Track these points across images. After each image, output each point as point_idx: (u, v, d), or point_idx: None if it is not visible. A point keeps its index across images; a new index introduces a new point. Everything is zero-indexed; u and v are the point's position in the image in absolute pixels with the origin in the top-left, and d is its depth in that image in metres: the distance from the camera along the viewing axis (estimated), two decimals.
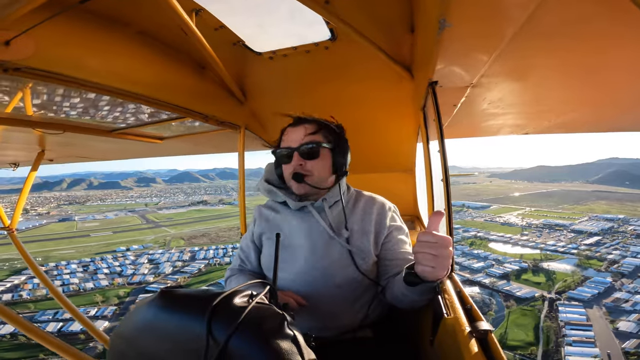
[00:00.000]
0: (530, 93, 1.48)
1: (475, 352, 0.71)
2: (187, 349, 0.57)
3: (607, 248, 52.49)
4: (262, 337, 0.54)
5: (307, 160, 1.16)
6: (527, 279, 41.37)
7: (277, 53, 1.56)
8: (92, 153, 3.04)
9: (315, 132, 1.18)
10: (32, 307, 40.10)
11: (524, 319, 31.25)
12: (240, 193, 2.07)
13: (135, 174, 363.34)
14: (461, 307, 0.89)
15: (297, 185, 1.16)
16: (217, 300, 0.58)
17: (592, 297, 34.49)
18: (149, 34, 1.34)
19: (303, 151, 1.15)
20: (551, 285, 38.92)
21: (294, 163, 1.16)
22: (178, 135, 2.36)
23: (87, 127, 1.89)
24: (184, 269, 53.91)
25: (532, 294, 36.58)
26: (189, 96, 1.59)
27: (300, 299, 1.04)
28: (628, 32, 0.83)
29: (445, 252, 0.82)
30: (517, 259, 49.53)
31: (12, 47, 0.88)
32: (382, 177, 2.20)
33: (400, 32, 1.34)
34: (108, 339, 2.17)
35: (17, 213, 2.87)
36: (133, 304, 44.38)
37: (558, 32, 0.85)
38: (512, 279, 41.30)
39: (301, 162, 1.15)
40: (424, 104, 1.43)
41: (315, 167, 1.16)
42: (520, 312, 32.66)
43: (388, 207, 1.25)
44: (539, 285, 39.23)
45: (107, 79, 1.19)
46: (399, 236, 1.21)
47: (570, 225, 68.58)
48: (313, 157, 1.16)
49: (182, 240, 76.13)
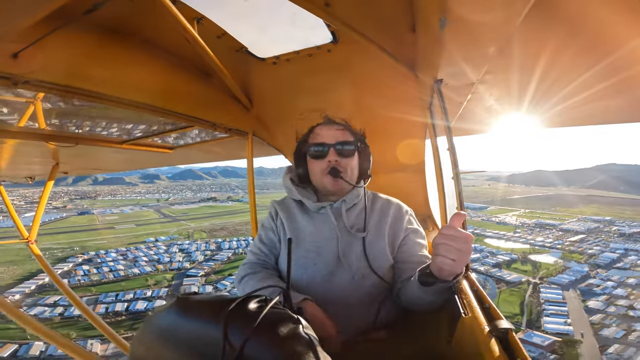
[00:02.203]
0: (537, 87, 1.46)
1: (496, 351, 0.69)
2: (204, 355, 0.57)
3: (590, 244, 59.43)
4: (278, 341, 0.54)
5: (342, 158, 1.17)
6: (516, 268, 49.40)
7: (280, 58, 1.56)
8: (105, 164, 3.09)
9: (347, 132, 1.21)
10: (93, 290, 44.86)
11: (512, 297, 39.39)
12: (251, 199, 2.05)
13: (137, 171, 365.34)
14: (479, 307, 0.87)
15: (332, 181, 1.17)
16: (232, 305, 0.59)
17: (569, 282, 42.14)
18: (153, 43, 1.35)
19: (339, 148, 1.16)
20: (536, 272, 46.90)
21: (330, 159, 1.16)
22: (188, 145, 2.37)
23: (99, 139, 1.91)
24: (215, 257, 58.16)
25: (519, 279, 44.21)
26: (196, 104, 1.59)
27: (331, 327, 0.99)
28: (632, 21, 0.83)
29: (467, 247, 0.81)
30: (508, 252, 57.32)
31: (20, 60, 0.89)
32: (392, 177, 2.19)
33: (401, 31, 1.34)
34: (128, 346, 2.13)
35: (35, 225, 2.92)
36: (181, 286, 43.67)
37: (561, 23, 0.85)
38: (503, 267, 49.08)
39: (337, 159, 1.16)
40: (430, 103, 1.43)
41: (349, 165, 1.18)
42: (509, 293, 40.76)
43: (405, 211, 1.25)
44: (526, 273, 46.99)
45: (114, 90, 1.19)
46: (416, 239, 1.21)
47: (560, 225, 76.46)
48: (348, 155, 1.18)
49: (203, 233, 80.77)
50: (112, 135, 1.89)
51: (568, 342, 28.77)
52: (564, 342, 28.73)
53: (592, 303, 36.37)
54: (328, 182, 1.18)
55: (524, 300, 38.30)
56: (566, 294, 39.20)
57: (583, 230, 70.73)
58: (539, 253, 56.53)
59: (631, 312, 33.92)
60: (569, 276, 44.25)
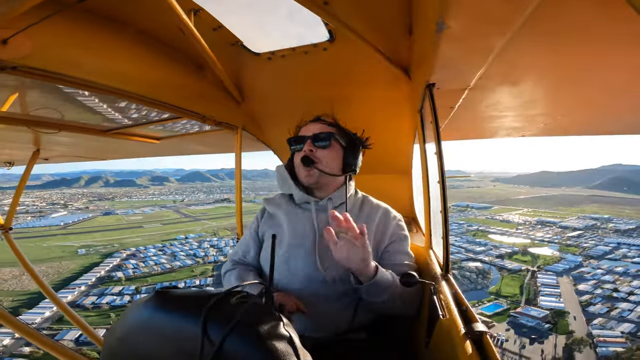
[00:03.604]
0: (527, 95, 1.48)
1: (470, 353, 0.70)
2: (182, 350, 0.56)
3: (586, 239, 68.16)
4: (258, 337, 0.53)
5: (318, 148, 1.19)
6: (517, 258, 58.26)
7: (275, 54, 1.54)
8: (88, 152, 3.01)
9: (330, 126, 1.23)
10: (149, 280, 51.43)
11: (513, 282, 47.95)
12: (237, 193, 2.06)
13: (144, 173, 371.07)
14: (457, 309, 0.89)
15: (305, 171, 1.19)
16: (212, 300, 0.57)
17: (563, 270, 50.59)
18: (147, 33, 1.34)
19: (316, 139, 1.19)
20: (534, 262, 55.63)
21: (305, 148, 1.19)
22: (175, 135, 2.34)
23: (83, 127, 1.87)
24: None
25: (519, 267, 53.20)
26: (187, 96, 1.58)
27: (302, 306, 1.04)
28: (625, 34, 0.84)
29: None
30: (510, 245, 65.80)
31: (10, 46, 0.88)
32: (379, 178, 2.18)
33: (398, 33, 1.34)
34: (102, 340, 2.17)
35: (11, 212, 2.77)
36: None
37: (555, 35, 0.85)
38: (505, 258, 58.32)
39: (312, 149, 1.19)
40: (421, 106, 1.42)
41: (325, 156, 1.19)
42: (510, 278, 49.58)
43: (393, 216, 1.25)
44: (525, 262, 55.78)
45: (105, 78, 1.19)
46: (399, 247, 1.21)
47: (559, 222, 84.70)
48: (324, 147, 1.19)
49: (227, 231, 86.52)
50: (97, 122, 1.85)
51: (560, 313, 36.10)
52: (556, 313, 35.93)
53: (582, 286, 44.15)
54: (302, 173, 1.21)
55: (523, 284, 46.23)
56: (560, 279, 47.11)
57: (581, 227, 77.99)
58: (538, 246, 64.19)
59: (615, 294, 41.64)
60: (563, 265, 52.45)
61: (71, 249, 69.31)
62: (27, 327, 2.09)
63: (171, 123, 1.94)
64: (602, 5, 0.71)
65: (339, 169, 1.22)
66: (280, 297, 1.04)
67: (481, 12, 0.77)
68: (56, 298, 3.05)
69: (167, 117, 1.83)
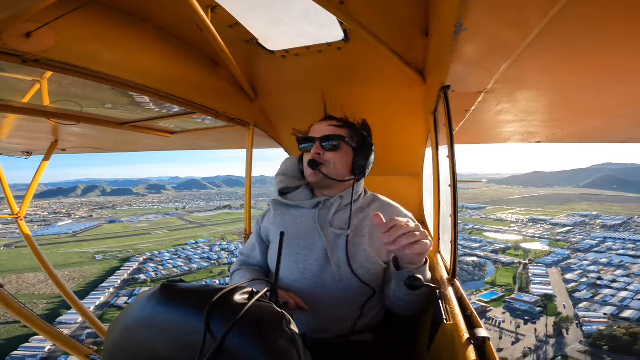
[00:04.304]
0: (544, 101, 1.46)
1: (471, 358, 0.69)
2: (183, 343, 0.56)
3: (574, 234, 72.97)
4: (260, 334, 0.54)
5: (326, 151, 1.18)
6: (510, 253, 63.49)
7: (289, 52, 1.54)
8: (104, 144, 3.05)
9: (340, 127, 1.21)
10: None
11: (507, 273, 52.95)
12: (247, 191, 2.06)
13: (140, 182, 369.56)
14: (461, 314, 0.88)
15: (310, 172, 1.18)
16: (217, 296, 0.57)
17: (552, 262, 55.23)
18: (165, 29, 1.34)
19: (324, 141, 1.18)
20: (526, 256, 60.50)
21: (313, 150, 1.18)
22: (188, 130, 2.36)
23: (101, 119, 1.90)
24: None
25: (512, 260, 58.07)
26: (201, 92, 1.58)
27: (302, 303, 1.04)
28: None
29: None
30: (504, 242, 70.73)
31: (33, 39, 0.89)
32: (389, 180, 2.18)
33: (414, 35, 1.33)
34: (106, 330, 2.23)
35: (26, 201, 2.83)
36: None
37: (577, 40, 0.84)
38: (499, 253, 63.06)
39: (320, 152, 1.18)
40: (435, 109, 1.42)
41: (333, 159, 1.18)
42: (505, 270, 54.45)
43: (403, 216, 1.22)
44: (518, 256, 60.83)
45: (123, 73, 1.19)
46: None
47: (550, 220, 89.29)
48: (333, 149, 1.18)
49: (234, 236, 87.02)
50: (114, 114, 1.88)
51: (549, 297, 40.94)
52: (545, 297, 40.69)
53: (569, 276, 49.18)
54: (308, 173, 1.21)
55: (516, 275, 51.51)
56: (549, 270, 52.27)
57: (571, 223, 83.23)
58: (529, 242, 69.73)
59: (599, 282, 46.13)
60: (552, 258, 57.49)
61: (87, 255, 72.03)
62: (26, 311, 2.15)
63: (185, 118, 1.96)
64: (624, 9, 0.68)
65: (347, 171, 1.21)
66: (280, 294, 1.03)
67: (501, 15, 0.76)
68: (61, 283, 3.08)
69: (182, 112, 1.84)
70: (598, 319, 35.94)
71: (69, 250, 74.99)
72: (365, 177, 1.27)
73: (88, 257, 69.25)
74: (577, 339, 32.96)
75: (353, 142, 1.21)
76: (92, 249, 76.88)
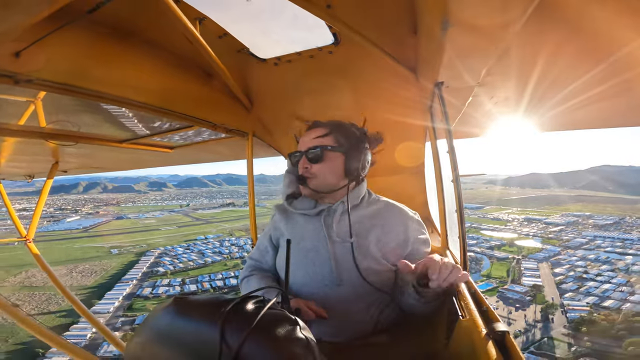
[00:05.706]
0: (537, 90, 1.45)
1: (492, 354, 0.69)
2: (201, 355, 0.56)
3: (566, 233, 75.08)
4: (275, 342, 0.54)
5: (312, 164, 1.17)
6: (505, 249, 65.94)
7: (281, 59, 1.54)
8: (105, 163, 3.04)
9: (324, 136, 1.18)
10: (190, 274, 56.97)
11: (501, 267, 56.17)
12: (250, 200, 2.04)
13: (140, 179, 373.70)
14: (477, 309, 0.87)
15: (302, 187, 1.20)
16: (229, 306, 0.58)
17: (543, 258, 58.63)
18: (155, 43, 1.33)
19: (309, 155, 1.17)
20: (519, 252, 63.44)
21: (300, 166, 1.18)
22: (187, 144, 2.35)
23: (99, 138, 1.89)
24: None
25: (506, 256, 61.01)
26: (197, 104, 1.58)
27: (321, 312, 1.01)
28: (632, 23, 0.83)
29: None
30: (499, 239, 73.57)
31: (23, 59, 0.87)
32: (392, 179, 2.18)
33: (403, 34, 1.33)
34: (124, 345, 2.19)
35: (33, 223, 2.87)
36: None
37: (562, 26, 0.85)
38: (495, 249, 66.00)
39: (307, 166, 1.17)
40: (431, 105, 1.42)
41: (319, 170, 1.17)
42: (499, 264, 57.73)
43: (409, 217, 1.22)
44: (512, 252, 63.42)
45: (116, 89, 1.18)
46: (423, 249, 1.20)
47: (544, 219, 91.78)
48: (317, 161, 1.17)
49: (242, 232, 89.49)
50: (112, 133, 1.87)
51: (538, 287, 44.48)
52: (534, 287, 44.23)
53: (557, 269, 52.65)
54: (300, 188, 1.22)
55: (509, 269, 55.01)
56: (540, 264, 55.96)
57: (564, 223, 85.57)
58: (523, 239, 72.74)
59: (584, 275, 49.13)
60: (544, 254, 60.61)
61: (103, 249, 74.79)
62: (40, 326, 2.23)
63: (183, 132, 1.95)
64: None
65: (340, 177, 1.18)
66: (297, 303, 1.02)
67: (485, 8, 0.76)
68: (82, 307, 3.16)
69: (179, 127, 1.83)
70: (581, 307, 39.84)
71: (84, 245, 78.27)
72: (365, 177, 1.25)
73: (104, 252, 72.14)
74: (561, 324, 37.06)
75: (341, 147, 1.18)
76: (106, 244, 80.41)
